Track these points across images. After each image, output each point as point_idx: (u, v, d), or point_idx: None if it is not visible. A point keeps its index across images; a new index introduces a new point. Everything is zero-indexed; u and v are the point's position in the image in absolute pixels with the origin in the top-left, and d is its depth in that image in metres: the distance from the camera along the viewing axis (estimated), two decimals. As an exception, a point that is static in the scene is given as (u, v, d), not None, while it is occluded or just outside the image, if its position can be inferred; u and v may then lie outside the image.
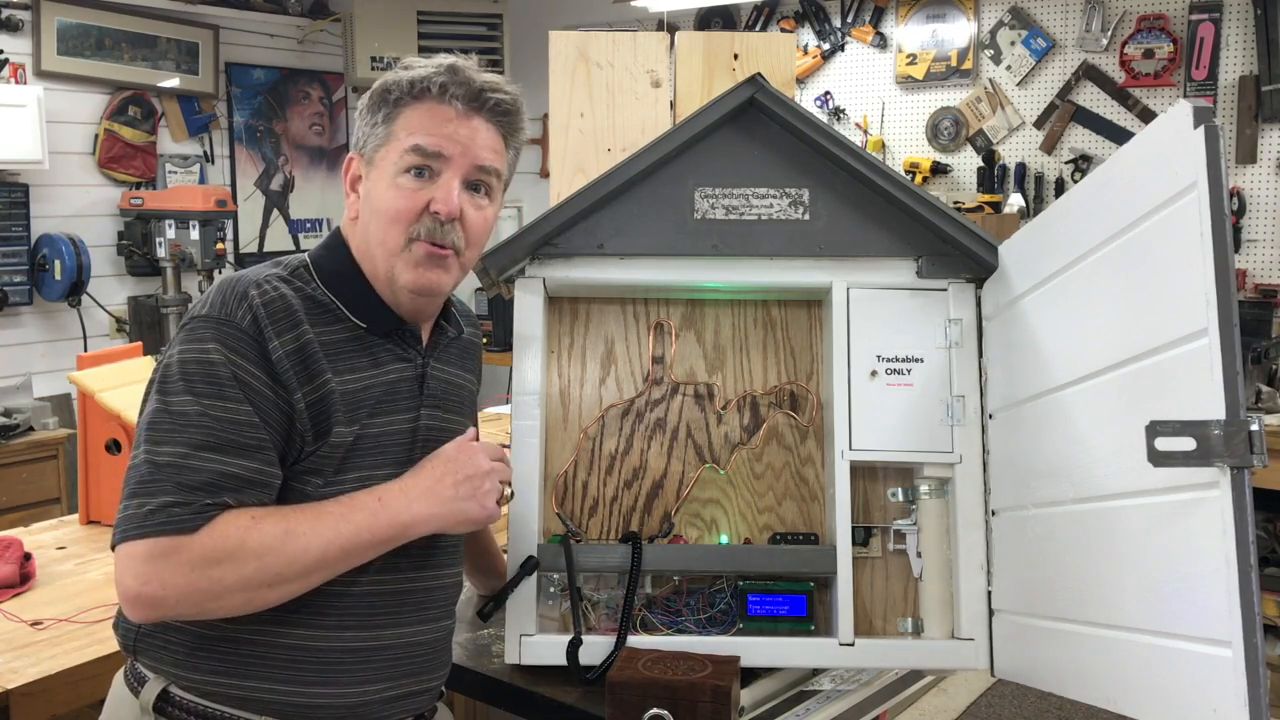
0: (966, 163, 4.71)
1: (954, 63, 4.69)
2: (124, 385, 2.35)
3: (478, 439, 1.41)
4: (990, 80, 4.62)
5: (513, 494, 1.36)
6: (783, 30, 5.02)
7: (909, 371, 1.61)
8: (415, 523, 1.29)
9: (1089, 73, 4.39)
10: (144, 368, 2.48)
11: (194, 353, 1.25)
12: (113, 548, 1.21)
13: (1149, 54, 4.24)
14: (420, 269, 1.33)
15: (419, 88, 1.33)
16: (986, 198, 4.47)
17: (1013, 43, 4.56)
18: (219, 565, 1.18)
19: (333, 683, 1.31)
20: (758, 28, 5.09)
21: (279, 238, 5.70)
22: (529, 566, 1.52)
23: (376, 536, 1.27)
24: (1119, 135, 4.31)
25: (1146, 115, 4.26)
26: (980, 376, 1.60)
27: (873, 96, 4.90)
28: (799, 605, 1.56)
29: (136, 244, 4.82)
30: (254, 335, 1.25)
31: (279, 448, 1.26)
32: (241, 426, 1.23)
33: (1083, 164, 4.41)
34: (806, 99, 4.96)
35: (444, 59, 1.36)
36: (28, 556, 2.06)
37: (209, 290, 1.32)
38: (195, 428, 1.21)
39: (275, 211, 5.69)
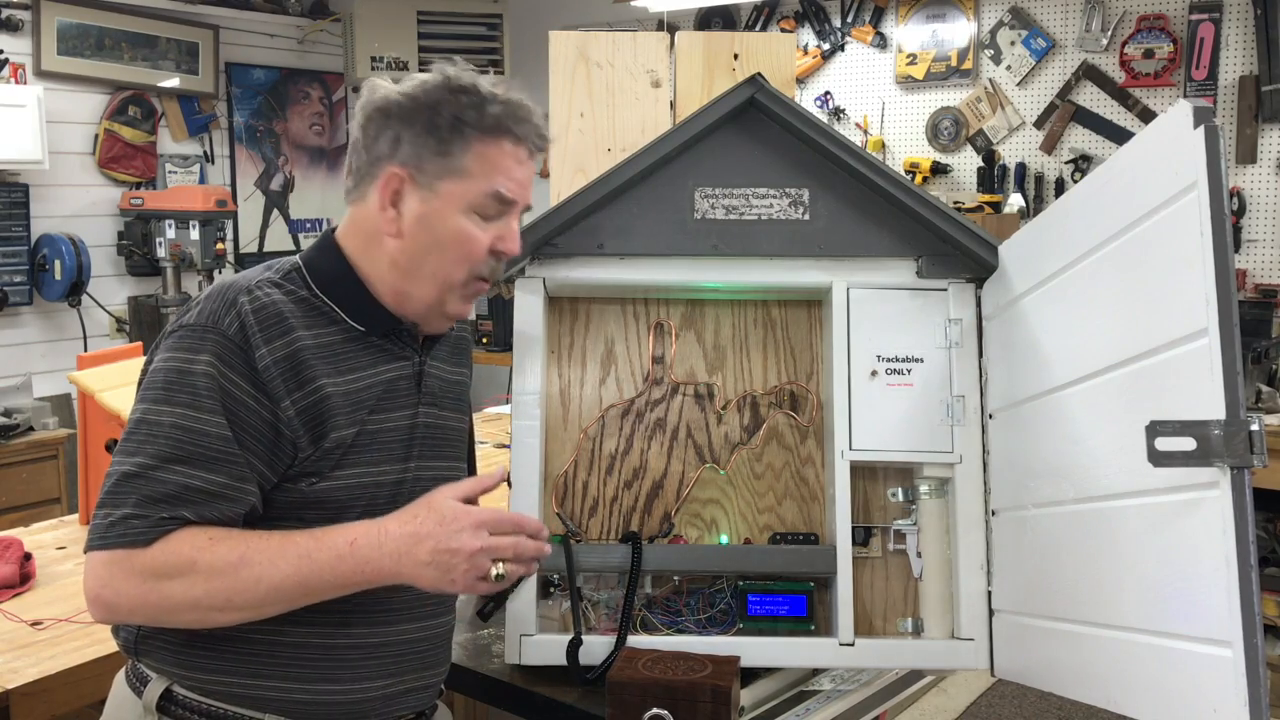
0: (966, 163, 4.71)
1: (954, 63, 4.69)
2: (124, 385, 2.34)
3: (504, 478, 1.33)
4: (990, 80, 4.62)
5: (501, 576, 1.22)
6: (783, 30, 5.02)
7: (909, 371, 1.61)
8: (381, 576, 1.22)
9: (1089, 73, 4.39)
10: (144, 368, 2.48)
11: (176, 361, 1.24)
12: (85, 553, 1.22)
13: (1149, 54, 4.24)
14: (466, 303, 1.37)
15: (492, 122, 1.30)
16: (986, 198, 4.47)
17: (1013, 43, 4.56)
18: (169, 581, 1.18)
19: (337, 679, 1.31)
20: (758, 28, 5.09)
21: (279, 238, 5.70)
22: (529, 567, 1.52)
23: (339, 580, 1.21)
24: (1119, 135, 4.31)
25: (1146, 115, 4.26)
26: (980, 376, 1.60)
27: (873, 96, 4.90)
28: (799, 605, 1.56)
29: (136, 244, 4.82)
30: (240, 344, 1.24)
31: (263, 459, 1.25)
32: (211, 439, 1.22)
33: (1083, 164, 4.41)
34: (806, 99, 4.96)
35: (508, 92, 1.32)
36: (28, 556, 2.06)
37: (200, 296, 1.31)
38: (164, 438, 1.21)
39: (275, 211, 5.69)
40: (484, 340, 5.26)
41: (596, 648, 1.51)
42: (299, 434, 1.26)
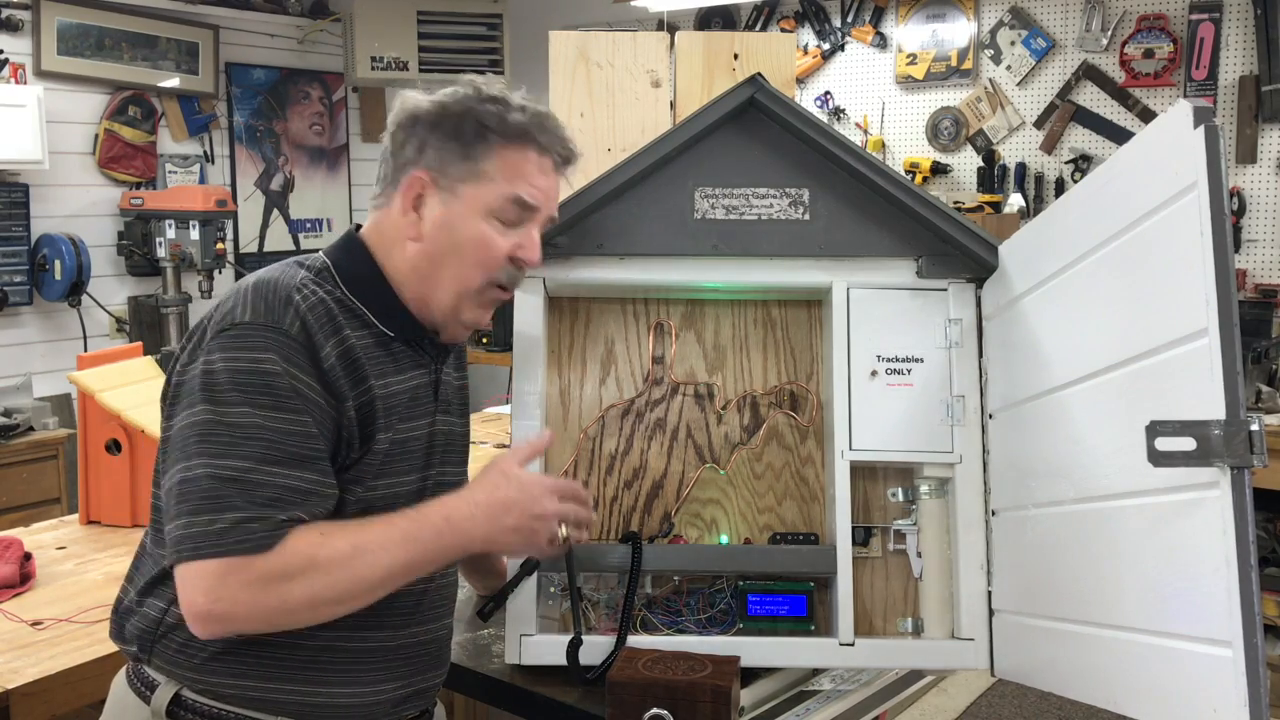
0: (966, 163, 4.71)
1: (954, 63, 4.69)
2: (124, 385, 2.35)
3: (551, 442, 1.43)
4: (990, 80, 4.62)
5: (567, 538, 1.35)
6: (783, 30, 5.02)
7: (909, 371, 1.61)
8: (472, 545, 1.29)
9: (1089, 73, 4.39)
10: (144, 368, 2.48)
11: (244, 361, 1.21)
12: (175, 563, 1.17)
13: (1149, 54, 4.24)
14: (484, 310, 1.36)
15: (518, 131, 1.31)
16: (986, 198, 4.47)
17: (1013, 43, 4.56)
18: (289, 581, 1.17)
19: (352, 682, 1.31)
20: (758, 28, 5.09)
21: (279, 238, 5.70)
22: (529, 566, 1.52)
23: (440, 556, 1.27)
24: (1119, 135, 4.31)
25: (1146, 115, 4.26)
26: (980, 376, 1.60)
27: (873, 96, 4.90)
28: (799, 605, 1.56)
29: (136, 244, 4.81)
30: (304, 343, 1.23)
31: (331, 459, 1.25)
32: (301, 438, 1.20)
33: (1083, 164, 4.41)
34: (806, 99, 4.96)
35: (536, 103, 1.34)
36: (28, 556, 2.06)
37: (237, 293, 1.27)
38: (257, 440, 1.18)
39: (275, 211, 5.69)
40: (484, 340, 5.25)
41: (596, 648, 1.51)
42: (354, 434, 1.27)
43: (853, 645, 1.54)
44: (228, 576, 1.15)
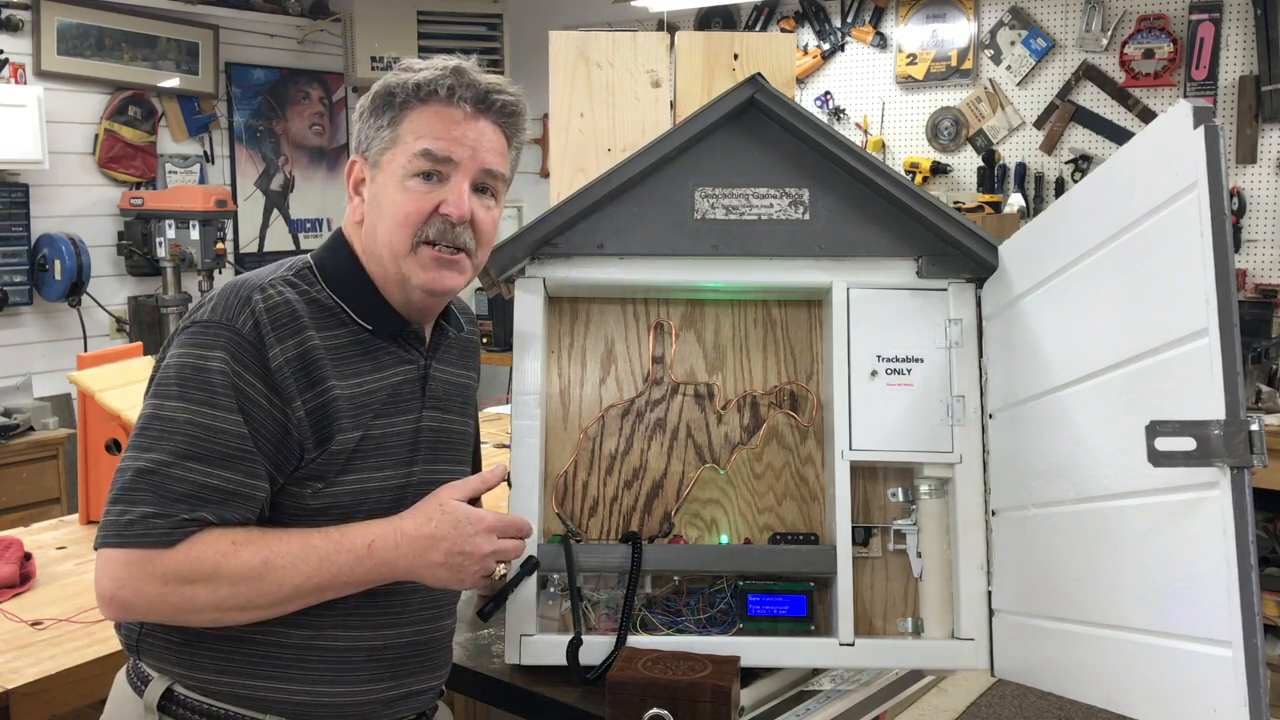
0: (966, 163, 4.71)
1: (954, 63, 4.69)
2: (124, 385, 2.35)
3: (505, 477, 1.42)
4: (990, 80, 4.62)
5: (504, 575, 1.34)
6: (783, 30, 5.02)
7: (909, 371, 1.61)
8: (395, 575, 1.28)
9: (1089, 73, 4.39)
10: (144, 368, 2.48)
11: (191, 357, 1.24)
12: (95, 548, 1.22)
13: (1149, 54, 4.24)
14: (432, 270, 1.33)
15: (425, 90, 1.32)
16: (986, 198, 4.47)
17: (1013, 43, 4.56)
18: (192, 585, 1.19)
19: (338, 681, 1.31)
20: (758, 28, 5.09)
21: (279, 238, 5.70)
22: (529, 566, 1.52)
23: (356, 579, 1.26)
24: (1119, 135, 4.31)
25: (1146, 115, 4.26)
26: (980, 376, 1.60)
27: (873, 96, 4.90)
28: (799, 605, 1.56)
29: (136, 244, 4.82)
30: (254, 342, 1.25)
31: (271, 459, 1.25)
32: (228, 436, 1.22)
33: (1083, 164, 4.41)
34: (806, 99, 4.96)
35: (447, 61, 1.35)
36: (28, 556, 2.06)
37: (212, 293, 1.31)
38: (181, 435, 1.21)
39: (275, 211, 5.69)
40: (484, 340, 5.26)
41: (596, 648, 1.50)
42: (306, 436, 1.27)
43: (853, 645, 1.54)
44: (132, 567, 1.19)
